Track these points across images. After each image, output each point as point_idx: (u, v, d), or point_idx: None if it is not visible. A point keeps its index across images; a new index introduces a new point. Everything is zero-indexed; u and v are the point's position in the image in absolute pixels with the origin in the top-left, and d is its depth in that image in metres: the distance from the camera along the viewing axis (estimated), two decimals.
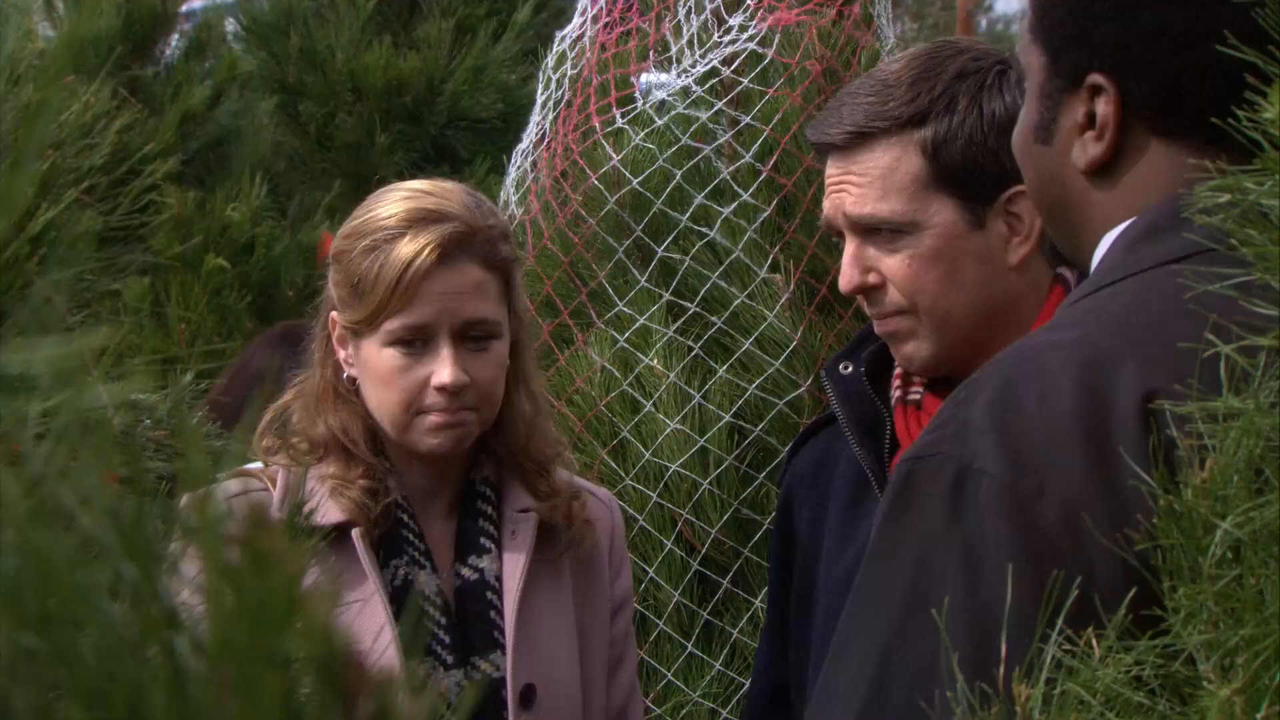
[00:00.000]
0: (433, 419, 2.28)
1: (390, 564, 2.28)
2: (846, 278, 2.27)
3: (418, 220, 2.27)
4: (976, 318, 2.22)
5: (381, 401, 2.30)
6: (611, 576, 2.50)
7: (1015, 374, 1.40)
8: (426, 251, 2.24)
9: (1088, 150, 1.55)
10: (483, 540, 2.35)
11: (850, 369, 2.42)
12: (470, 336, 2.29)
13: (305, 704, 0.57)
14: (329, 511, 2.25)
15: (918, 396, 2.36)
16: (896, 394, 2.37)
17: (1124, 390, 1.32)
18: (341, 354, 2.34)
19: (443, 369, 2.26)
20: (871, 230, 2.24)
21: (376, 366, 2.28)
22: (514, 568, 2.34)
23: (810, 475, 2.48)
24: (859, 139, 2.25)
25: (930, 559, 1.34)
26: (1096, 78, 1.53)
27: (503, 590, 2.34)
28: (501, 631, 2.31)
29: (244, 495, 2.19)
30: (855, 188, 2.25)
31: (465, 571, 2.33)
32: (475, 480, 2.39)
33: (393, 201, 2.31)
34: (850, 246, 2.27)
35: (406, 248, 2.24)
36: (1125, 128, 1.52)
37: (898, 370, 2.38)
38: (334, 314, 2.33)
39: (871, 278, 2.25)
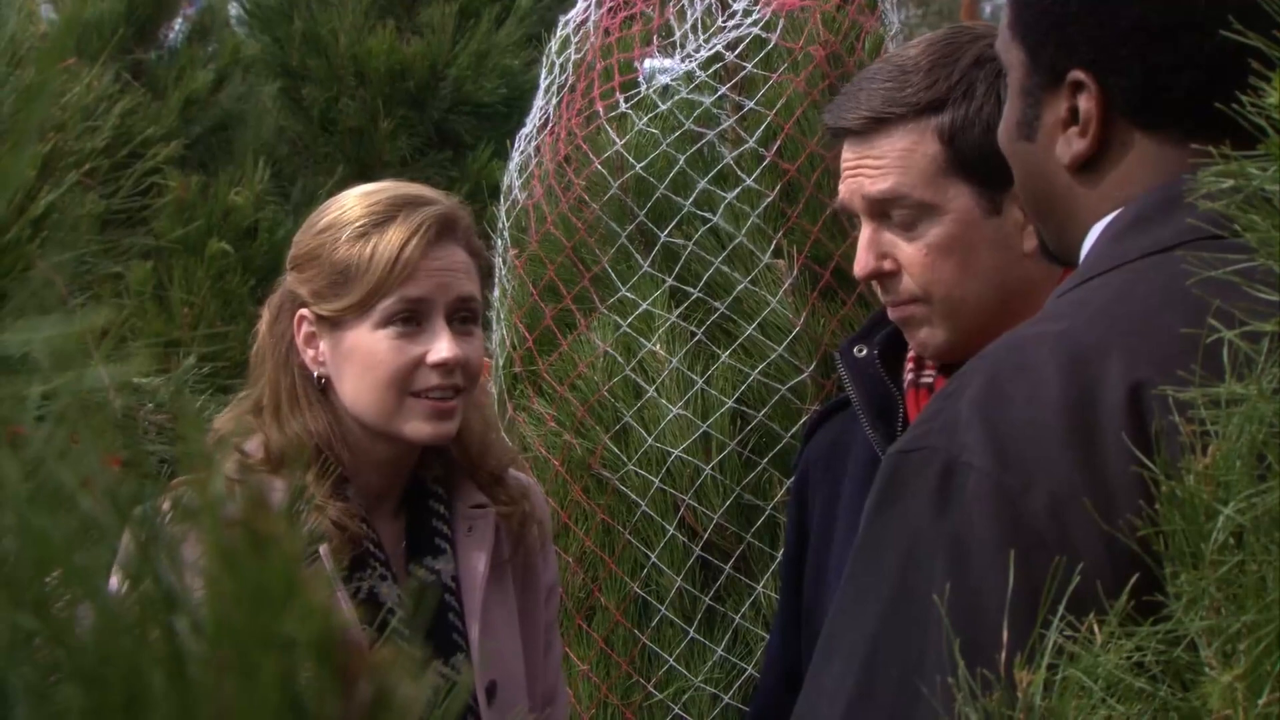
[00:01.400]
0: (427, 405, 2.28)
1: (354, 577, 2.27)
2: (861, 263, 2.26)
3: (406, 204, 2.31)
4: (991, 305, 2.21)
5: (369, 386, 2.28)
6: (543, 564, 2.53)
7: (1002, 367, 1.41)
8: (423, 229, 2.28)
9: (1072, 146, 1.55)
10: (437, 541, 2.37)
11: (864, 352, 2.42)
12: (459, 318, 2.32)
13: (304, 686, 0.57)
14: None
15: (930, 379, 2.36)
16: (909, 377, 2.37)
17: (1111, 382, 1.32)
18: (309, 354, 2.32)
19: (440, 344, 2.27)
20: (887, 214, 2.24)
21: (366, 350, 2.27)
22: (473, 567, 2.37)
23: (824, 459, 2.48)
24: (876, 124, 2.24)
25: (917, 552, 1.34)
26: (1078, 74, 1.53)
27: (460, 591, 2.35)
28: (460, 634, 2.33)
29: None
30: (873, 170, 2.24)
31: (421, 573, 2.33)
32: (425, 479, 2.40)
33: (367, 195, 2.34)
34: (866, 231, 2.27)
35: (401, 227, 2.27)
36: (1108, 122, 1.52)
37: (911, 353, 2.38)
38: (302, 313, 2.32)
39: (886, 264, 2.25)
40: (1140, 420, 1.29)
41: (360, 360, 2.28)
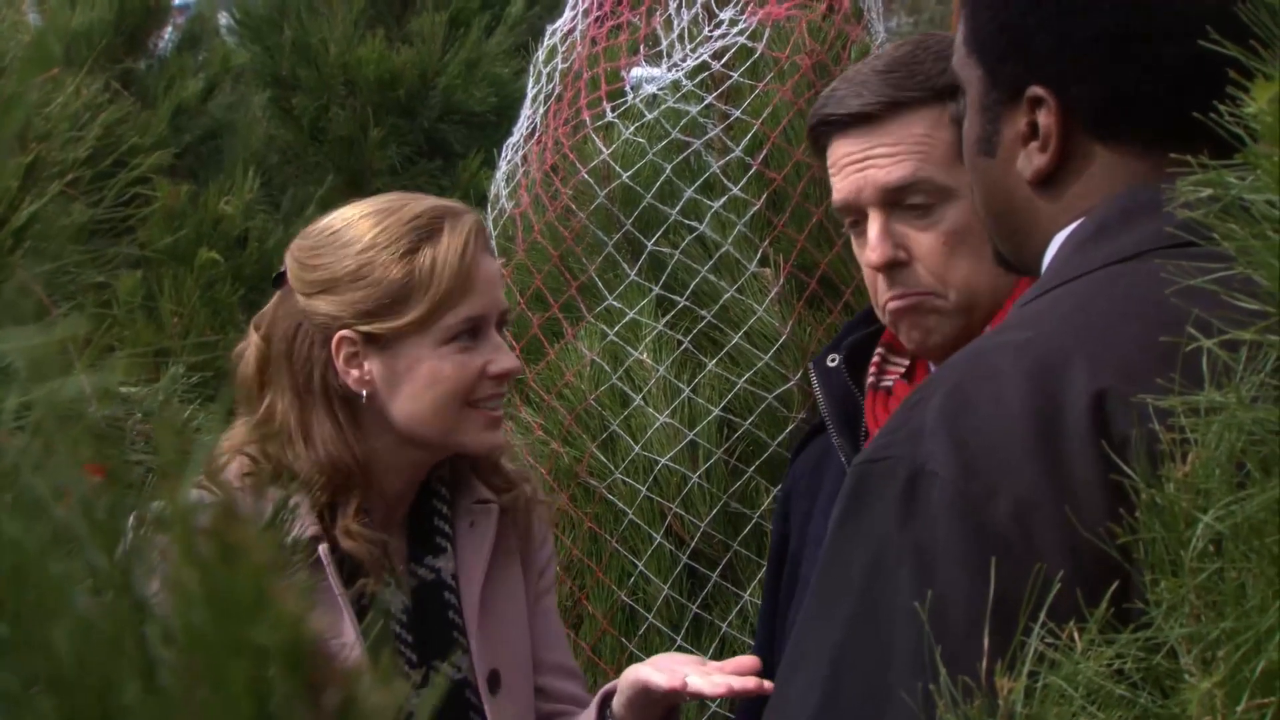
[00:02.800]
0: (485, 416, 2.31)
1: (357, 580, 2.26)
2: (880, 252, 2.21)
3: (445, 214, 2.31)
4: (996, 297, 2.20)
5: (431, 402, 2.28)
6: (541, 542, 2.54)
7: (967, 376, 1.41)
8: (473, 238, 2.30)
9: (1033, 161, 1.55)
10: (438, 540, 2.37)
11: (836, 361, 2.42)
12: (500, 326, 2.35)
13: (274, 693, 0.57)
14: (302, 526, 2.23)
15: (890, 383, 2.36)
16: (870, 379, 2.37)
17: (1074, 391, 1.32)
18: (353, 374, 2.29)
19: (502, 356, 2.31)
20: (900, 203, 2.21)
21: (431, 367, 2.28)
22: (472, 561, 2.37)
23: (808, 474, 2.48)
24: (892, 108, 2.21)
25: (883, 561, 1.34)
26: (1036, 90, 1.53)
27: (460, 588, 2.36)
28: (461, 631, 2.33)
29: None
30: (888, 157, 2.21)
31: (422, 572, 2.34)
32: (431, 479, 2.40)
33: (396, 210, 2.31)
34: (877, 221, 2.22)
35: (454, 238, 2.28)
36: (1068, 136, 1.53)
37: (875, 358, 2.38)
38: (344, 334, 2.28)
39: (900, 254, 2.22)
40: (1103, 428, 1.29)
41: (424, 377, 2.28)
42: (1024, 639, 1.08)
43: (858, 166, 2.24)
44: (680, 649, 3.38)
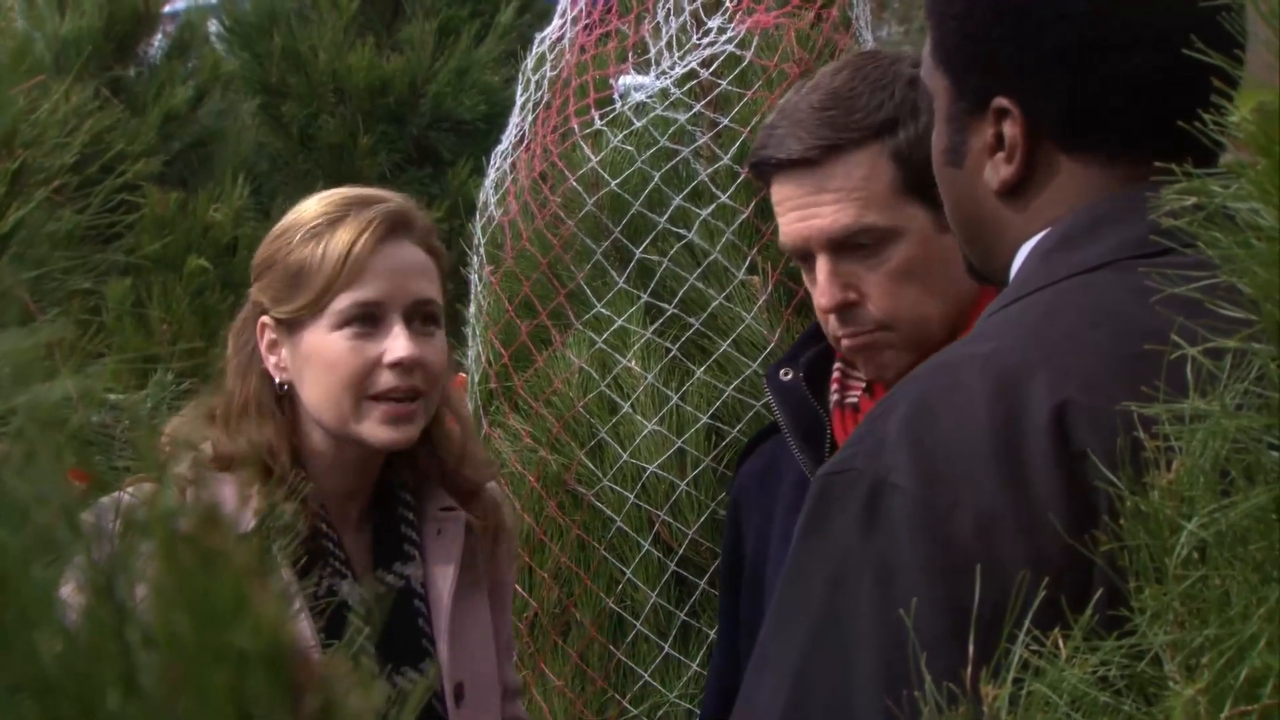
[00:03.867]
0: (385, 409, 2.27)
1: (314, 575, 2.25)
2: (830, 296, 2.23)
3: (356, 204, 2.31)
4: (950, 322, 2.21)
5: (327, 389, 2.27)
6: (508, 566, 2.54)
7: (930, 388, 1.41)
8: (372, 227, 2.28)
9: (999, 171, 1.56)
10: (406, 546, 2.36)
11: (790, 375, 2.42)
12: (420, 318, 2.31)
13: (255, 698, 0.57)
14: (244, 522, 2.22)
15: (855, 399, 2.37)
16: (834, 397, 2.37)
17: (1036, 402, 1.33)
18: (272, 360, 2.32)
19: (396, 344, 2.26)
20: (847, 246, 2.22)
21: (323, 351, 2.27)
22: (441, 571, 2.36)
23: (756, 483, 2.48)
24: (829, 152, 2.21)
25: (845, 573, 1.35)
26: (1001, 101, 1.54)
27: (429, 597, 2.35)
28: (429, 639, 2.32)
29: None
30: (831, 205, 2.21)
31: (390, 579, 2.33)
32: (393, 483, 2.39)
33: (324, 198, 2.34)
34: (825, 265, 2.23)
35: (350, 225, 2.27)
36: (1033, 147, 1.54)
37: (835, 374, 2.38)
38: (263, 320, 2.31)
39: (850, 295, 2.23)
40: (1064, 440, 1.30)
41: (318, 363, 2.28)
42: (1009, 647, 1.08)
43: (801, 215, 2.25)
44: (668, 656, 3.38)
